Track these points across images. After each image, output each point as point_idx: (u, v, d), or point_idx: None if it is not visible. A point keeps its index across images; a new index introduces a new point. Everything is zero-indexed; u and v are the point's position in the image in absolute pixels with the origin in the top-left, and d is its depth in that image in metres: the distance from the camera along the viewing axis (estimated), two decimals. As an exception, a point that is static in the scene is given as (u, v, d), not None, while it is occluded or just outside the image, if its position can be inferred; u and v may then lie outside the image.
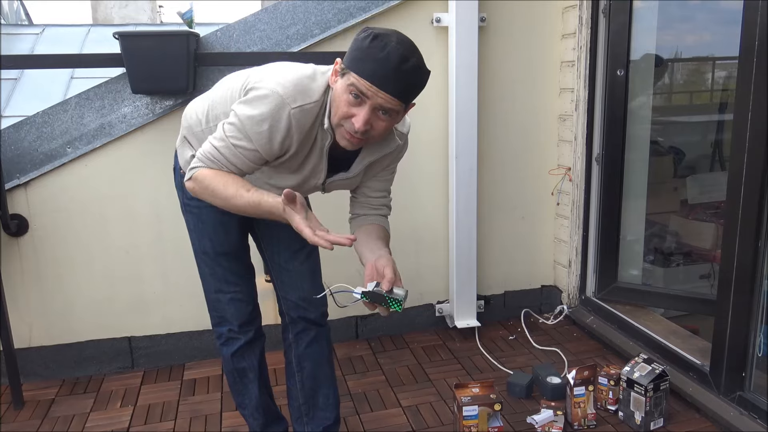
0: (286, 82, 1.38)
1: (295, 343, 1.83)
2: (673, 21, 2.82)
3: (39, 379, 2.54)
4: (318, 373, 1.85)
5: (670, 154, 3.20)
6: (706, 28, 2.92)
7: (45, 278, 2.48)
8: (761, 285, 1.97)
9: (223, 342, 1.80)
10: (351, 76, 1.31)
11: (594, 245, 2.83)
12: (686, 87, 3.35)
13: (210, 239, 1.70)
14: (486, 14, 2.70)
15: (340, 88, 1.35)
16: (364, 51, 1.30)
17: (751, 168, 1.93)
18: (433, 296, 2.94)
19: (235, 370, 1.82)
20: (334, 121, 1.39)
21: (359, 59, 1.30)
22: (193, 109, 1.65)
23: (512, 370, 2.52)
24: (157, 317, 2.62)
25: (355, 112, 1.33)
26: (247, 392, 1.85)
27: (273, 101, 1.36)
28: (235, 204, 1.41)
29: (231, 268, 1.73)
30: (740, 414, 2.01)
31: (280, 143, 1.40)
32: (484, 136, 2.80)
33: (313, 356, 1.83)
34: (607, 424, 2.14)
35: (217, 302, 1.76)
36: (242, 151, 1.41)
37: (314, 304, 1.79)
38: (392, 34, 1.31)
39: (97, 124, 2.44)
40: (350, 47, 1.34)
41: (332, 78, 1.39)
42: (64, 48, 7.32)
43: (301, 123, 1.40)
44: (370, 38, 1.29)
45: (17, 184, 2.38)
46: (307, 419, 1.86)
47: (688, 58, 3.16)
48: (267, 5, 2.58)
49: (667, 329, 2.55)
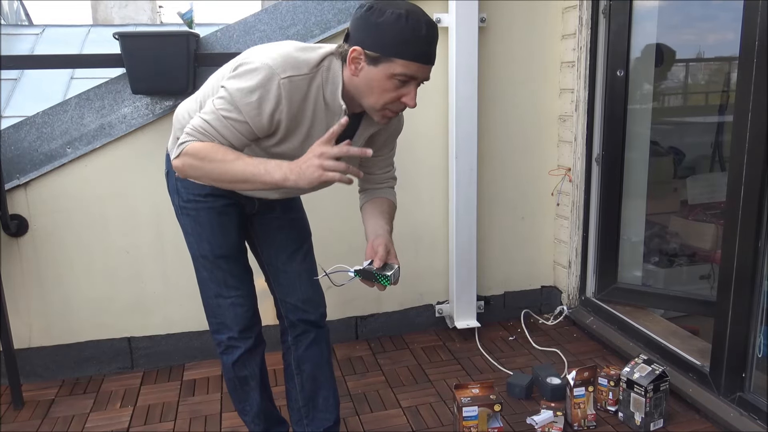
0: (276, 54, 1.38)
1: (294, 346, 1.83)
2: (673, 21, 2.82)
3: (39, 380, 2.54)
4: (318, 375, 1.84)
5: (670, 154, 3.19)
6: (707, 28, 2.92)
7: (45, 278, 2.48)
8: (761, 285, 1.97)
9: (222, 350, 1.76)
10: (396, 63, 1.32)
11: (594, 246, 2.83)
12: (687, 87, 3.35)
13: (208, 242, 1.67)
14: (486, 14, 2.70)
15: (380, 76, 1.34)
16: (404, 34, 1.30)
17: (751, 168, 1.93)
18: (433, 297, 2.94)
19: (236, 378, 1.79)
20: (377, 104, 1.39)
21: (401, 43, 1.30)
22: (185, 109, 1.63)
23: (512, 370, 2.52)
24: (157, 317, 2.62)
25: (404, 92, 1.37)
26: (249, 399, 1.83)
27: (262, 72, 1.35)
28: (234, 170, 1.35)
29: (231, 271, 1.70)
30: (740, 415, 2.01)
31: (269, 115, 1.38)
32: (484, 137, 2.80)
33: (312, 359, 1.83)
34: (607, 425, 2.14)
35: (217, 308, 1.72)
36: (233, 123, 1.38)
37: (313, 305, 1.80)
38: (411, 6, 1.32)
39: (97, 124, 2.44)
40: (376, 31, 1.31)
41: (352, 67, 1.37)
42: (64, 48, 7.33)
43: (291, 94, 1.38)
44: (403, 19, 1.29)
45: (17, 184, 2.38)
46: (307, 421, 1.86)
47: (689, 58, 3.16)
48: (267, 5, 2.58)
49: (667, 330, 2.55)
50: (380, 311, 2.88)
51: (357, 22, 1.35)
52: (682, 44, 3.01)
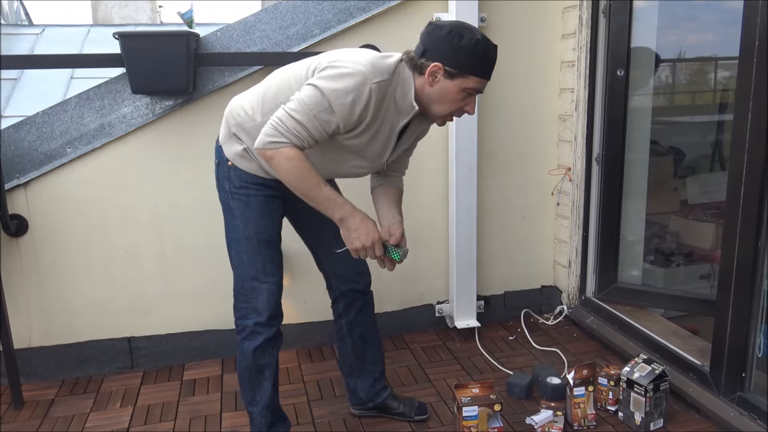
0: (365, 60, 1.58)
1: (344, 313, 2.07)
2: (673, 21, 2.82)
3: (39, 380, 2.54)
4: (367, 335, 2.11)
5: (670, 154, 3.19)
6: (707, 28, 2.92)
7: (45, 278, 2.48)
8: (761, 285, 1.97)
9: (246, 336, 1.83)
10: (470, 79, 1.59)
11: (594, 245, 2.83)
12: (687, 87, 3.35)
13: (255, 225, 1.79)
14: (486, 14, 2.70)
15: (453, 89, 1.60)
16: (478, 56, 1.57)
17: (751, 168, 1.93)
18: (433, 296, 2.94)
19: (254, 365, 1.85)
20: (444, 112, 1.65)
21: (476, 64, 1.58)
22: (240, 106, 1.76)
23: (512, 370, 2.52)
24: (157, 317, 2.62)
25: (468, 102, 1.64)
26: (261, 389, 1.88)
27: (357, 76, 1.54)
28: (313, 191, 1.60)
29: (270, 257, 1.83)
30: (740, 414, 2.01)
31: (359, 114, 1.58)
32: (484, 136, 2.80)
33: (362, 322, 2.09)
34: (606, 425, 2.14)
35: (252, 290, 1.81)
36: (323, 124, 1.56)
37: (361, 276, 2.04)
38: (478, 32, 1.57)
39: (97, 124, 2.44)
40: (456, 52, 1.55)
41: (429, 79, 1.59)
42: (64, 48, 7.32)
43: (378, 97, 1.58)
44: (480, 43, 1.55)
45: (17, 184, 2.38)
46: (358, 373, 2.14)
47: (689, 58, 3.16)
48: (267, 5, 2.58)
49: (667, 330, 2.55)
50: (380, 311, 2.87)
51: (438, 43, 1.57)
52: (683, 44, 3.01)
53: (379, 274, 2.61)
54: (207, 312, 2.65)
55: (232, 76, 2.48)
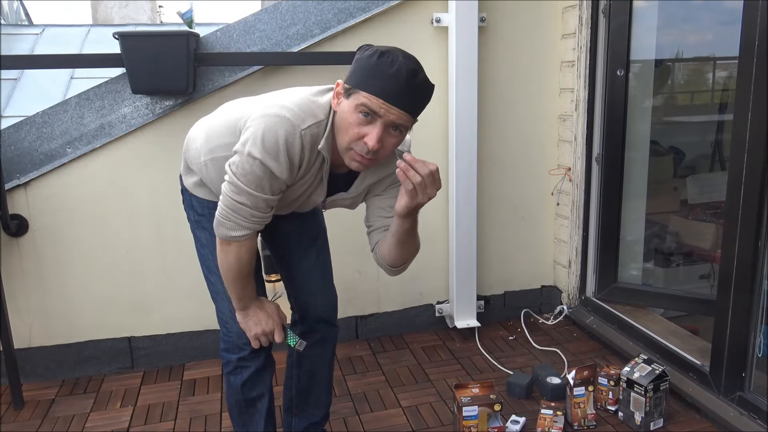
0: (292, 104, 1.37)
1: None
2: (673, 21, 2.82)
3: (39, 379, 2.54)
4: (315, 373, 1.87)
5: (670, 154, 3.19)
6: (707, 27, 2.92)
7: (45, 278, 2.48)
8: (761, 285, 1.97)
9: (230, 370, 1.70)
10: (360, 95, 1.29)
11: (594, 245, 2.83)
12: (687, 87, 3.35)
13: None
14: (486, 14, 2.70)
15: (347, 109, 1.32)
16: (373, 68, 1.28)
17: (751, 168, 1.93)
18: (433, 296, 2.94)
19: (243, 400, 1.71)
20: (344, 143, 1.36)
21: (368, 77, 1.28)
22: (193, 138, 1.63)
23: (512, 370, 2.52)
24: (157, 317, 2.62)
25: (367, 131, 1.31)
26: (253, 423, 1.74)
27: (283, 128, 1.33)
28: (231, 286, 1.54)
29: None
30: (740, 414, 2.01)
31: (297, 165, 1.39)
32: (483, 136, 2.80)
33: (313, 357, 1.85)
34: (606, 425, 2.14)
35: (232, 321, 1.65)
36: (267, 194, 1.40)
37: (326, 302, 1.82)
38: (396, 50, 1.30)
39: (97, 124, 2.44)
40: (354, 66, 1.33)
41: (335, 101, 1.37)
42: (64, 48, 7.31)
43: (312, 143, 1.38)
44: (377, 55, 1.28)
45: (17, 184, 2.38)
46: (296, 411, 1.92)
47: (689, 58, 3.16)
48: (267, 5, 2.58)
49: (667, 329, 2.55)
50: (380, 311, 2.88)
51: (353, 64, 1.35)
52: (683, 44, 3.01)
53: (380, 274, 2.61)
54: (207, 312, 2.62)
55: (232, 76, 2.48)
